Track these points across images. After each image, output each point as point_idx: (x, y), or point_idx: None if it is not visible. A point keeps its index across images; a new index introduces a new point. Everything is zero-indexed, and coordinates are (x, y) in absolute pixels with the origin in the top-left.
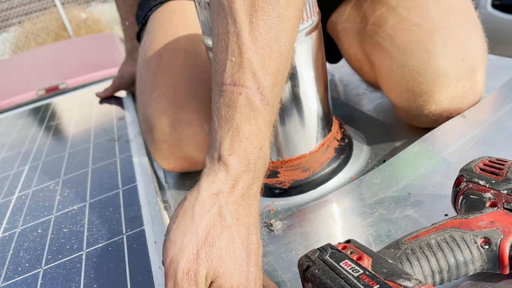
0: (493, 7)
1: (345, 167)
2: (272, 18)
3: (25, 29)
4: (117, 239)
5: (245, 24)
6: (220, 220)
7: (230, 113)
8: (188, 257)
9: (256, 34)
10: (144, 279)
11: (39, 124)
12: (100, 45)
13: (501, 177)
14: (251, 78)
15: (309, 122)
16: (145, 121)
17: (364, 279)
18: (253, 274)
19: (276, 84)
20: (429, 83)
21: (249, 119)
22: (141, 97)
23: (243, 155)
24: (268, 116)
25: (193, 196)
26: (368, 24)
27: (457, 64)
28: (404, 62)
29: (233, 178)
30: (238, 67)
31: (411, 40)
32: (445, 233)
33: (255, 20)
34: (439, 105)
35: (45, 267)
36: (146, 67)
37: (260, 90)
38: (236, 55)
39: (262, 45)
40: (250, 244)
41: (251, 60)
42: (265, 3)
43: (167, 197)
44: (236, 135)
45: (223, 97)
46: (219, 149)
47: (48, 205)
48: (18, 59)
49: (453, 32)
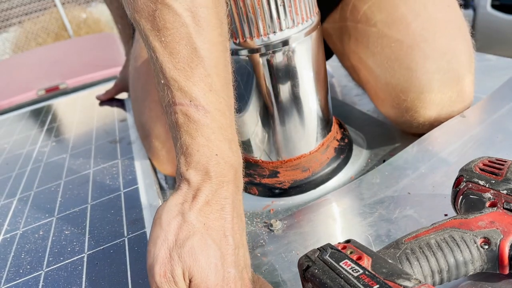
0: (492, 7)
1: (345, 167)
2: (178, 29)
3: (25, 29)
4: (119, 242)
5: (157, 46)
6: (187, 225)
7: (176, 133)
8: (161, 261)
9: (169, 51)
10: (146, 282)
11: (41, 126)
12: (100, 45)
13: (501, 177)
14: (180, 95)
15: (309, 122)
16: (141, 128)
17: (364, 279)
18: (230, 274)
19: (211, 88)
20: (413, 100)
21: (192, 134)
22: (135, 104)
23: (199, 167)
24: (213, 122)
25: (161, 207)
26: (351, 38)
27: (441, 76)
28: (387, 80)
29: (195, 188)
30: (166, 88)
31: (391, 58)
32: (445, 233)
33: (163, 38)
34: (427, 118)
35: (46, 269)
36: (137, 74)
37: (193, 102)
38: (162, 77)
39: (178, 59)
40: (224, 245)
41: (174, 77)
42: (164, 21)
43: (167, 197)
44: (186, 151)
45: (167, 119)
46: (178, 167)
47: (49, 207)
48: (18, 59)
49: (435, 44)
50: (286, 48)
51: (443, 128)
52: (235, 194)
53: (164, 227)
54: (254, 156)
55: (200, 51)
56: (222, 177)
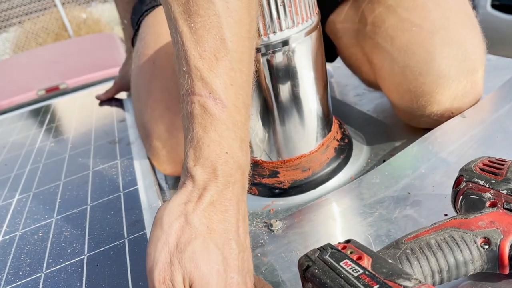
0: (492, 7)
1: (344, 167)
2: (210, 18)
3: (25, 29)
4: (119, 243)
5: (185, 31)
6: (189, 228)
7: (189, 124)
8: (161, 266)
9: (197, 38)
10: (146, 284)
11: (39, 126)
12: (100, 45)
13: (501, 177)
14: (201, 85)
15: (309, 122)
16: (142, 128)
17: (364, 279)
18: (233, 280)
19: (232, 83)
20: (431, 83)
21: (206, 127)
22: (137, 103)
23: (207, 163)
24: (228, 118)
25: (163, 207)
26: (367, 24)
27: (458, 64)
28: (406, 62)
29: (200, 187)
30: (188, 76)
31: (412, 41)
32: (445, 233)
33: (193, 24)
34: (441, 105)
35: (46, 271)
36: (140, 74)
37: (212, 94)
38: (185, 64)
39: (205, 48)
40: (227, 249)
41: (198, 66)
42: (198, 6)
43: (167, 198)
44: (197, 144)
45: (183, 109)
46: (186, 161)
47: (48, 208)
48: (18, 59)
49: (454, 33)
50: (286, 48)
51: (443, 128)
52: (241, 195)
53: (165, 229)
54: (254, 156)
55: (228, 43)
56: (229, 177)
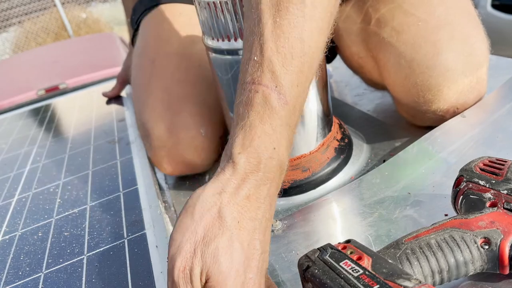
0: (493, 7)
1: (345, 167)
2: (297, 18)
3: (25, 29)
4: (118, 243)
5: (269, 23)
6: (219, 221)
7: (246, 111)
8: (184, 255)
9: (278, 33)
10: (146, 283)
11: (39, 125)
12: (100, 45)
13: (501, 177)
14: (270, 76)
15: (309, 122)
16: (142, 127)
17: (364, 279)
18: (251, 281)
19: (298, 84)
20: (438, 77)
21: (263, 118)
22: (136, 103)
23: (253, 153)
24: (285, 116)
25: (196, 194)
26: (372, 23)
27: (465, 58)
28: (412, 56)
29: (240, 177)
30: (258, 66)
31: (418, 35)
32: (445, 233)
33: (279, 19)
34: (447, 100)
35: (45, 271)
36: (140, 73)
37: (278, 88)
38: (258, 54)
39: (284, 43)
40: (251, 249)
41: (271, 59)
42: (290, 3)
43: (166, 198)
44: (249, 132)
45: (242, 95)
46: (231, 146)
47: (48, 208)
48: (18, 59)
49: (459, 28)
50: None
51: (443, 128)
52: (274, 195)
53: (196, 219)
54: None
55: (306, 46)
56: (269, 173)
